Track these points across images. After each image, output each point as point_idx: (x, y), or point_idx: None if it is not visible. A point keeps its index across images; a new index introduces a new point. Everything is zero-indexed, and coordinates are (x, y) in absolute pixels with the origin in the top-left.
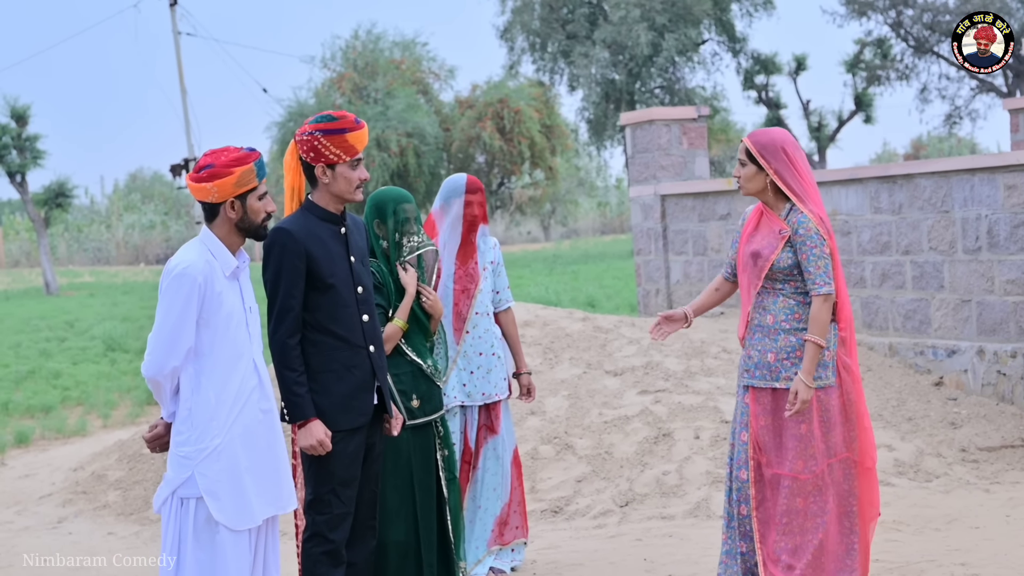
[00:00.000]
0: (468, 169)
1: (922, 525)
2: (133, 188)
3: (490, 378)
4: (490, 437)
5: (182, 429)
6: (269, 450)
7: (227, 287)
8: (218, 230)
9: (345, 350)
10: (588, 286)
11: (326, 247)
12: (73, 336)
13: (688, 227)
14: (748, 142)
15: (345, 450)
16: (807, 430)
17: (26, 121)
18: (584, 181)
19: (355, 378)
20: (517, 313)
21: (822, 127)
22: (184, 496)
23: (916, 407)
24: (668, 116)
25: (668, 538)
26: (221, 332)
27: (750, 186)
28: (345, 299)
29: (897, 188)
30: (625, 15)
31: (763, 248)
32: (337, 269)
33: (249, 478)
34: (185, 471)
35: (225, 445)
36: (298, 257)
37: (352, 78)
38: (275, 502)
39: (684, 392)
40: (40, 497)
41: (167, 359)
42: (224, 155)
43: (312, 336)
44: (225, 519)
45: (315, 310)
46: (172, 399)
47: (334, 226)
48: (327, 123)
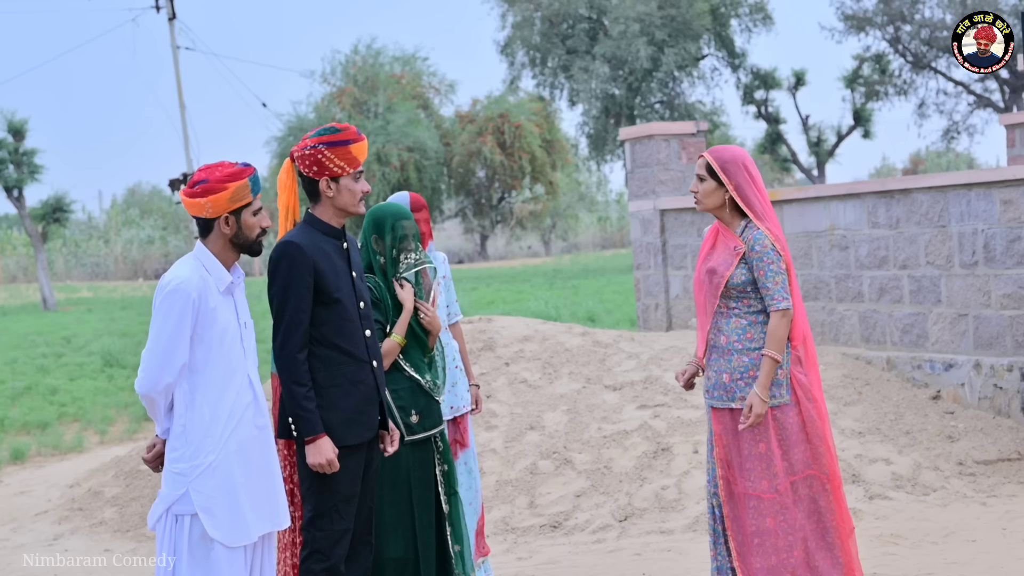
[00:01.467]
0: (468, 184)
1: (919, 538)
2: (131, 203)
3: (456, 391)
4: (462, 451)
5: (176, 445)
6: (264, 466)
7: (221, 303)
8: (212, 245)
9: (351, 365)
10: (588, 301)
11: (331, 261)
12: (70, 352)
13: (687, 242)
14: (709, 157)
15: (347, 466)
16: (766, 449)
17: (23, 135)
18: (584, 196)
19: (361, 393)
20: (516, 328)
21: (821, 142)
22: (179, 513)
23: (914, 421)
24: (667, 131)
25: (667, 552)
26: (215, 348)
27: (708, 202)
28: (350, 314)
29: (894, 203)
30: (625, 30)
31: (719, 265)
32: (342, 284)
33: (244, 494)
34: (180, 488)
35: (220, 461)
36: (307, 271)
37: (352, 93)
38: (271, 519)
39: (683, 407)
40: (36, 514)
41: (161, 375)
42: (218, 170)
43: (318, 351)
44: (220, 536)
45: (321, 325)
46: (166, 416)
47: (337, 241)
48: (330, 135)
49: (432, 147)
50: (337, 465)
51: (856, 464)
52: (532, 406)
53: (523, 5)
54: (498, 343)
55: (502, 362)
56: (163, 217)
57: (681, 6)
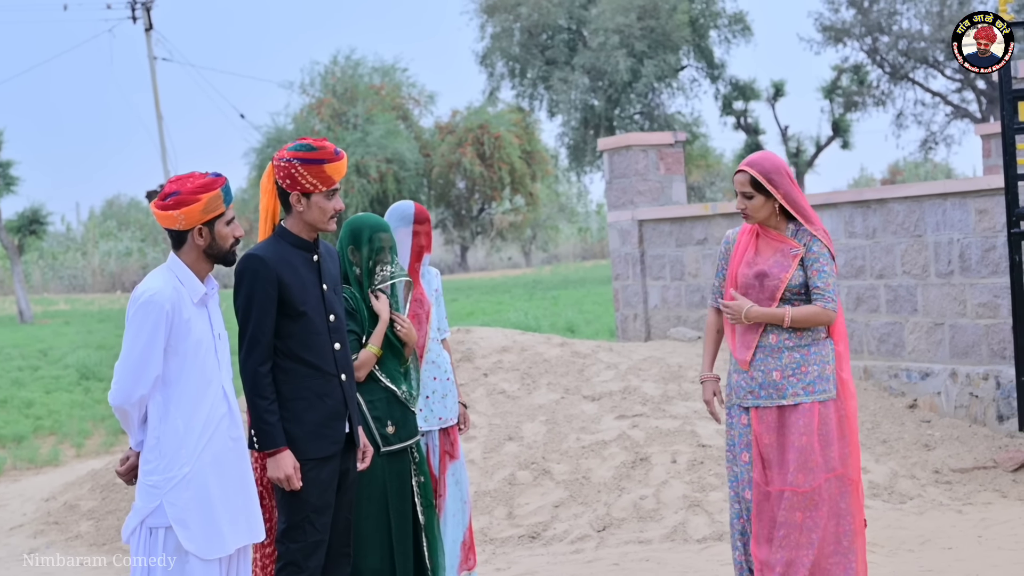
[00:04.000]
0: (448, 195)
1: (896, 546)
2: (109, 215)
3: (446, 403)
4: (450, 463)
5: (150, 458)
6: (239, 478)
7: (195, 314)
8: (186, 257)
9: (317, 378)
10: (568, 311)
11: (298, 274)
12: (46, 365)
13: (666, 252)
14: (754, 172)
15: (318, 477)
16: (807, 442)
17: None
18: (565, 207)
19: (327, 406)
20: (495, 338)
21: (800, 152)
22: (153, 526)
23: (890, 429)
24: (645, 141)
25: (645, 562)
26: (190, 360)
27: (759, 215)
28: (317, 327)
29: (871, 213)
30: (604, 41)
31: (772, 268)
32: (309, 297)
33: (219, 506)
34: (154, 500)
35: (194, 473)
36: (270, 284)
37: (331, 104)
38: (246, 531)
39: (661, 416)
40: (11, 528)
41: (134, 388)
42: (190, 181)
43: (284, 364)
44: (195, 548)
45: (287, 338)
46: (140, 428)
47: (307, 253)
48: (306, 152)
49: (411, 158)
50: (296, 481)
51: None
52: (510, 416)
53: (502, 16)
54: (476, 354)
55: (480, 373)
56: (141, 229)
57: (660, 17)
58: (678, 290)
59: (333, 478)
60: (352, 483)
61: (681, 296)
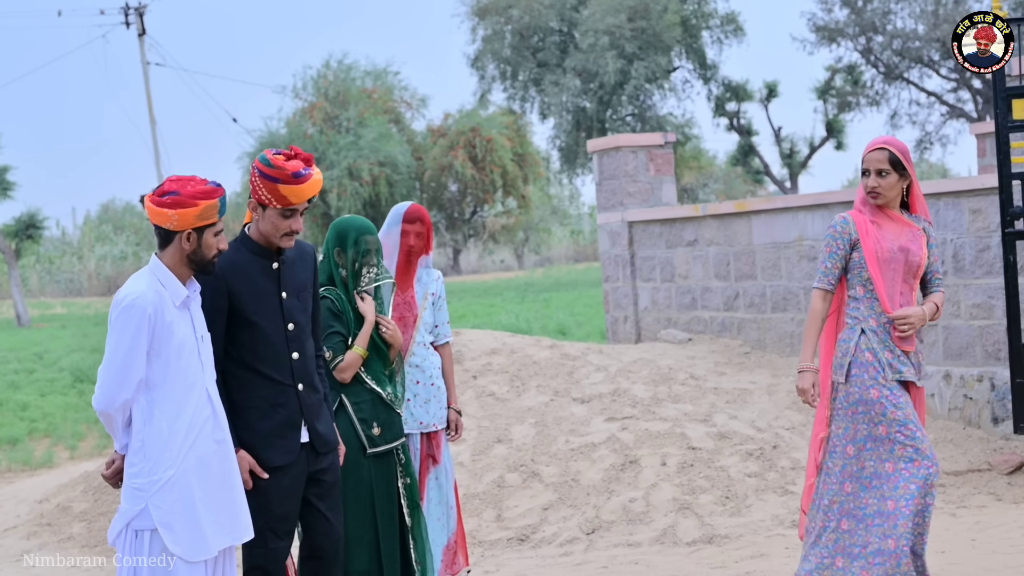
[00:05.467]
0: (441, 198)
1: None
2: (105, 219)
3: (428, 408)
4: (433, 467)
5: (135, 461)
6: (224, 480)
7: (178, 317)
8: (168, 258)
9: (270, 388)
10: (559, 314)
11: (252, 283)
12: (42, 368)
13: (656, 254)
14: (894, 149)
15: (278, 485)
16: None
17: None
18: (557, 209)
19: (280, 416)
20: (484, 341)
21: (793, 153)
22: (138, 528)
23: None
24: (635, 143)
25: (634, 565)
26: (173, 363)
27: (890, 194)
28: (270, 336)
29: None
30: (595, 43)
31: (911, 245)
32: (263, 306)
33: (204, 509)
34: (139, 503)
35: (178, 476)
36: (218, 293)
37: (323, 108)
38: (231, 532)
39: (651, 419)
40: (4, 530)
41: (118, 392)
42: (191, 185)
43: (236, 372)
44: (180, 551)
45: (239, 346)
46: (124, 431)
47: (266, 261)
48: (265, 165)
49: (403, 162)
50: (251, 483)
51: None
52: (500, 419)
53: (493, 18)
54: (465, 356)
55: (469, 375)
56: (136, 233)
57: (651, 18)
58: (668, 292)
59: (295, 487)
60: (329, 489)
61: (671, 298)
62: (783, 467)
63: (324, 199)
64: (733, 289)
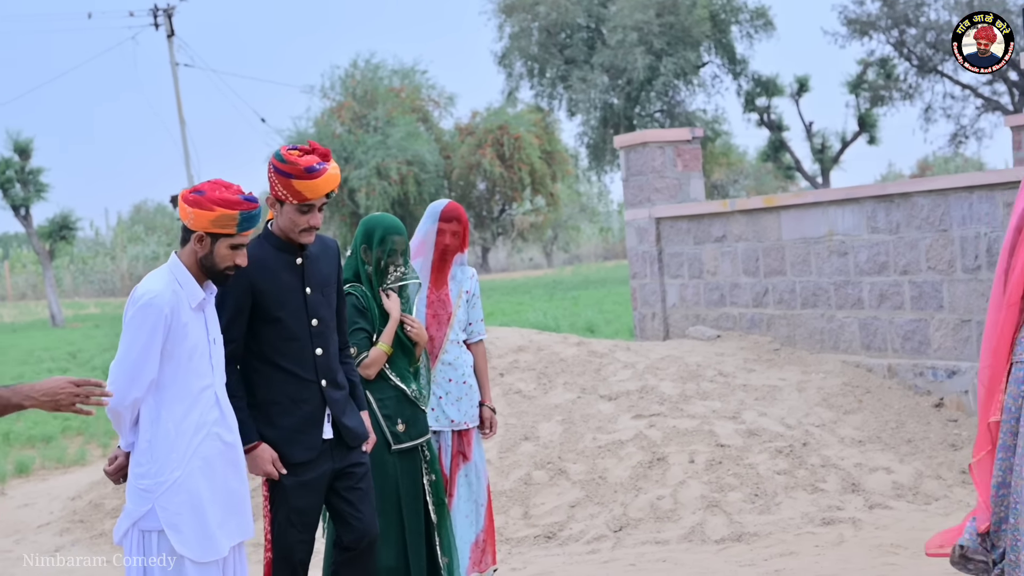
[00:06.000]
0: (469, 197)
1: (919, 548)
2: (137, 220)
3: (460, 406)
4: (463, 464)
5: (141, 461)
6: (231, 481)
7: (193, 319)
8: (185, 258)
9: (293, 383)
10: (587, 311)
11: (276, 279)
12: (75, 367)
13: (684, 250)
14: None
15: (299, 480)
16: None
17: (29, 154)
18: (586, 207)
19: (303, 412)
20: (511, 339)
21: (825, 149)
22: (145, 529)
23: (915, 429)
24: (662, 138)
25: (662, 563)
26: (184, 365)
27: None
28: (294, 332)
29: (894, 207)
30: (623, 39)
31: None
32: (287, 301)
33: (211, 510)
34: (145, 504)
35: (185, 478)
36: (241, 290)
37: (351, 107)
38: (238, 531)
39: (679, 416)
40: (38, 526)
41: (129, 390)
42: (221, 190)
43: (259, 367)
44: (188, 552)
45: (262, 342)
46: (131, 430)
47: (290, 256)
48: (280, 162)
49: (431, 160)
50: (275, 473)
51: (856, 473)
52: (526, 416)
53: (520, 15)
54: (492, 354)
55: (496, 372)
56: (168, 234)
57: (680, 13)
58: (697, 288)
59: (319, 482)
60: (362, 479)
61: (700, 294)
62: (813, 464)
63: (352, 198)
64: (762, 285)
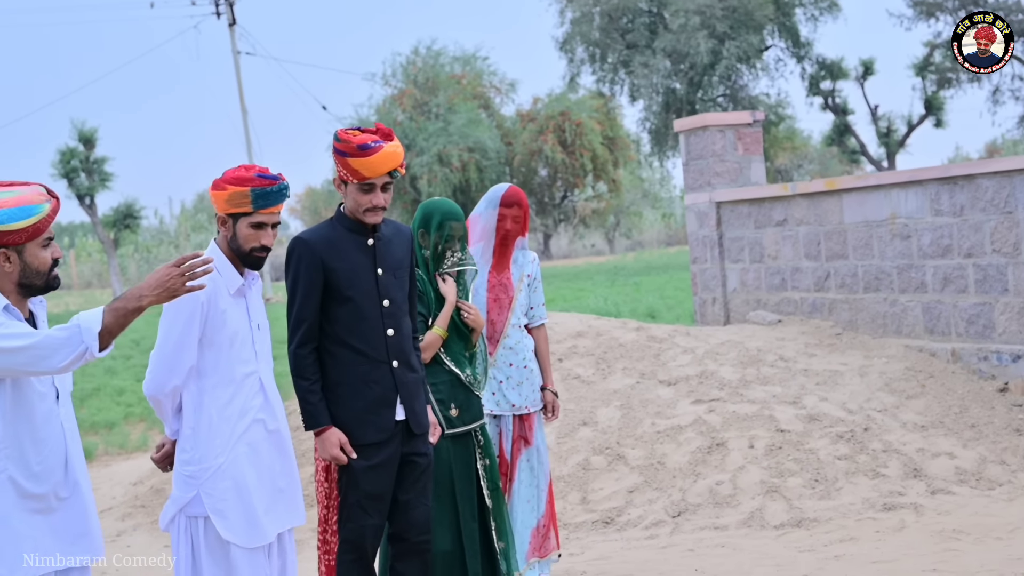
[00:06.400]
0: (531, 183)
1: (983, 534)
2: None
3: (521, 390)
4: (524, 449)
5: (186, 447)
6: (277, 468)
7: (232, 305)
8: (221, 245)
9: (364, 364)
10: (649, 297)
11: (348, 259)
12: (138, 354)
13: (744, 234)
14: None
15: (369, 462)
16: None
17: (93, 144)
18: (648, 193)
19: (373, 393)
20: (570, 324)
21: (891, 132)
22: (192, 515)
23: (979, 414)
24: (722, 121)
25: (720, 548)
26: (224, 352)
27: None
28: (365, 312)
29: (958, 189)
30: (685, 23)
31: None
32: (359, 281)
33: (257, 496)
34: (191, 490)
35: (229, 464)
36: (313, 268)
37: (413, 94)
38: (287, 517)
39: (739, 401)
40: (100, 511)
41: (168, 378)
42: (239, 171)
43: (331, 348)
44: (234, 537)
45: (334, 322)
46: (175, 417)
47: (361, 237)
48: (337, 142)
49: (493, 147)
50: (343, 458)
51: (918, 458)
52: (585, 402)
53: (581, 1)
54: (551, 339)
55: (555, 358)
56: None
57: None
58: (757, 273)
59: (389, 464)
60: (424, 471)
61: (761, 279)
62: (874, 449)
63: (414, 185)
64: (824, 269)
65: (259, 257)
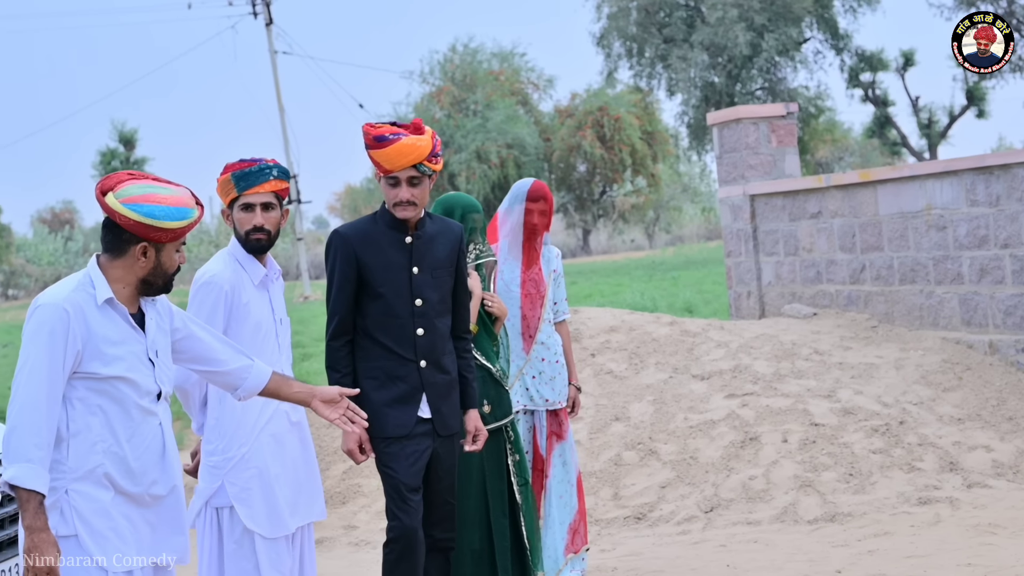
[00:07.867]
0: (569, 179)
1: (1019, 528)
2: None
3: (554, 385)
4: (557, 443)
5: (211, 438)
6: (299, 460)
7: (255, 297)
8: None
9: (390, 360)
10: (686, 292)
11: (382, 254)
12: None
13: (779, 227)
14: None
15: (401, 453)
16: None
17: (134, 145)
18: (687, 187)
19: (397, 389)
20: (603, 319)
21: (932, 124)
22: (217, 506)
23: (1017, 406)
24: (755, 114)
25: (753, 544)
26: (248, 342)
27: None
28: (396, 310)
29: (994, 179)
30: (723, 16)
31: None
32: (392, 279)
33: (280, 486)
34: (216, 480)
35: (252, 453)
36: (347, 262)
37: (451, 91)
38: (307, 511)
39: (773, 395)
40: None
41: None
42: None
43: (361, 341)
44: (257, 527)
45: (366, 316)
46: (200, 411)
47: (400, 234)
48: (364, 134)
49: (531, 143)
50: (359, 455)
51: (954, 451)
52: (617, 397)
53: None
54: (584, 334)
55: (588, 353)
56: None
57: None
58: (792, 266)
59: (418, 457)
60: (447, 471)
61: (795, 272)
62: (910, 443)
63: (453, 183)
64: (859, 261)
65: (258, 239)
